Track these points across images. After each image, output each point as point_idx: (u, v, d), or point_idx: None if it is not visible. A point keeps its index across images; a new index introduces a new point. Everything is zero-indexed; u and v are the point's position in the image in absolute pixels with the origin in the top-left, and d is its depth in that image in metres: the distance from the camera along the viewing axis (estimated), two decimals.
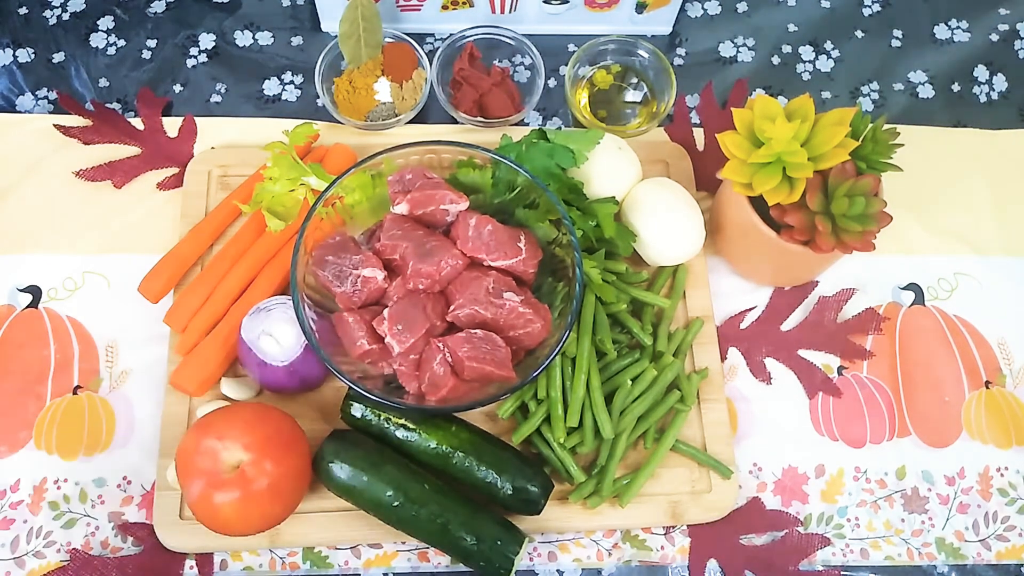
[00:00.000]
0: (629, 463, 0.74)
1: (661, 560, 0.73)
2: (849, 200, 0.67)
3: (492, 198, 0.75)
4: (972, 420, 0.80)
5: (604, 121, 0.88)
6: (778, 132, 0.65)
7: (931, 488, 0.77)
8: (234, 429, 0.65)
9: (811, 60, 0.95)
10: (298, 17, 0.94)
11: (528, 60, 0.91)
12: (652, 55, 0.88)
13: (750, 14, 0.98)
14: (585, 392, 0.71)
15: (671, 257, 0.78)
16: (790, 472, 0.77)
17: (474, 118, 0.85)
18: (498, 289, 0.69)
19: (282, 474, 0.64)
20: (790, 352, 0.81)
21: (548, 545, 0.73)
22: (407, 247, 0.70)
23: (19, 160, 0.84)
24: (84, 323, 0.78)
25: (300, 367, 0.70)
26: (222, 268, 0.77)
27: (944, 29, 0.98)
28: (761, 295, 0.83)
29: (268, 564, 0.71)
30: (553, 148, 0.76)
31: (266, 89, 0.90)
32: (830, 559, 0.74)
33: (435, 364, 0.67)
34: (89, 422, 0.75)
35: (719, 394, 0.77)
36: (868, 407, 0.80)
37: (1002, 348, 0.83)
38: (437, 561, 0.72)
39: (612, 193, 0.77)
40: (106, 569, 0.70)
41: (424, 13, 0.91)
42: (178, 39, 0.92)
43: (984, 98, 0.94)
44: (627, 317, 0.76)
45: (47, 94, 0.89)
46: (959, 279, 0.85)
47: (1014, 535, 0.76)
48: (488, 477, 0.69)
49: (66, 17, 0.93)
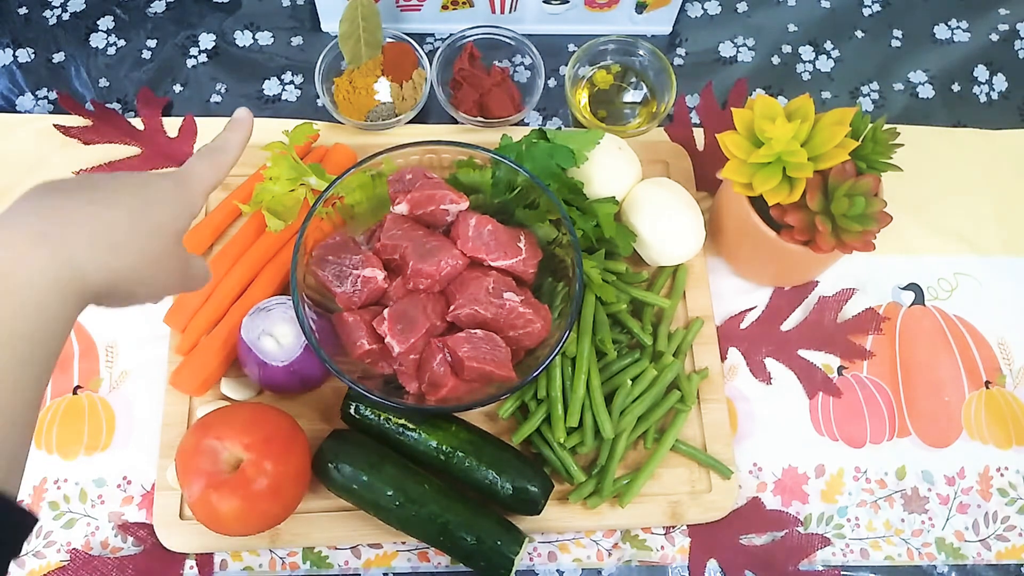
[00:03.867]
0: (629, 463, 0.74)
1: (661, 560, 0.73)
2: (849, 200, 0.67)
3: (492, 198, 0.75)
4: (972, 420, 0.80)
5: (604, 121, 0.88)
6: (778, 132, 0.65)
7: (931, 488, 0.77)
8: (234, 429, 0.65)
9: (811, 60, 0.95)
10: (298, 17, 0.94)
11: (528, 60, 0.91)
12: (652, 55, 0.88)
13: (750, 14, 0.98)
14: (585, 392, 0.71)
15: (671, 257, 0.78)
16: (790, 472, 0.77)
17: (474, 118, 0.85)
18: (498, 289, 0.69)
19: (282, 474, 0.64)
20: (790, 352, 0.81)
21: (548, 545, 0.73)
22: (407, 247, 0.70)
23: (19, 160, 0.84)
24: (84, 323, 0.78)
25: (300, 367, 0.70)
26: (222, 268, 0.76)
27: (944, 29, 0.98)
28: (761, 295, 0.83)
29: (268, 564, 0.71)
30: (553, 148, 0.76)
31: (266, 89, 0.90)
32: (830, 559, 0.74)
33: (435, 364, 0.67)
34: (89, 422, 0.75)
35: (719, 394, 0.77)
36: (868, 407, 0.80)
37: (1002, 348, 0.83)
38: (437, 561, 0.72)
39: (612, 193, 0.77)
40: (106, 569, 0.70)
41: (424, 13, 0.91)
42: (178, 39, 0.92)
43: (984, 98, 0.94)
44: (627, 317, 0.76)
45: (47, 94, 0.89)
46: (959, 279, 0.85)
47: (1014, 535, 0.76)
48: (488, 477, 0.69)
49: (66, 17, 0.93)
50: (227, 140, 0.54)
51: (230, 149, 0.54)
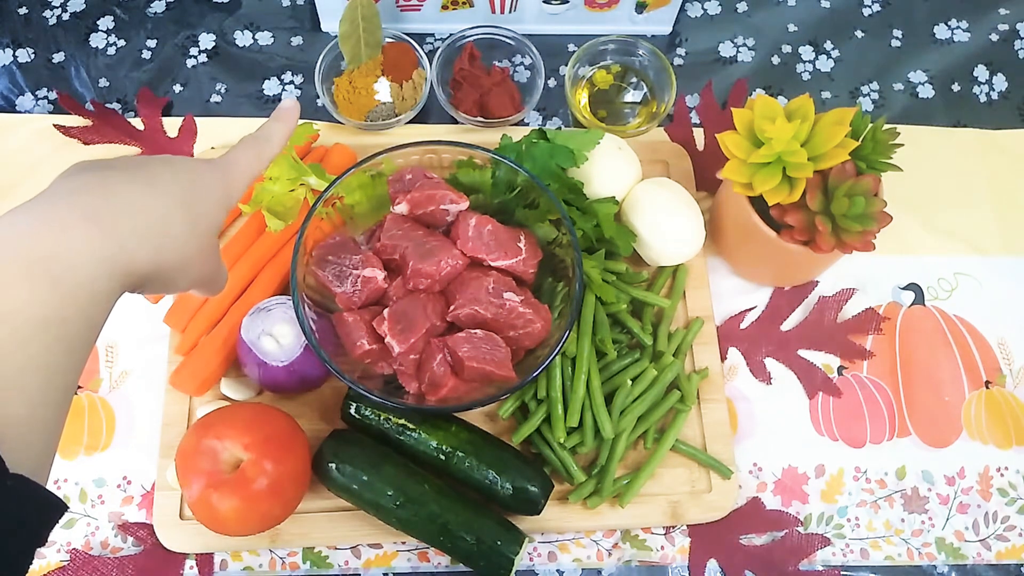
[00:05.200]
0: (629, 463, 0.74)
1: (661, 560, 0.73)
2: (849, 200, 0.67)
3: (492, 198, 0.75)
4: (972, 420, 0.80)
5: (604, 121, 0.88)
6: (778, 132, 0.65)
7: (931, 488, 0.77)
8: (234, 429, 0.65)
9: (811, 60, 0.95)
10: (298, 17, 0.94)
11: (528, 60, 0.91)
12: (652, 55, 0.88)
13: (750, 14, 0.98)
14: (585, 392, 0.71)
15: (671, 257, 0.78)
16: (790, 472, 0.77)
17: (474, 118, 0.85)
18: (498, 289, 0.69)
19: (282, 474, 0.64)
20: (790, 352, 0.81)
21: (548, 545, 0.73)
22: (407, 247, 0.70)
23: (19, 160, 0.84)
24: None
25: (300, 367, 0.70)
26: None
27: (944, 29, 0.98)
28: (761, 295, 0.83)
29: (268, 564, 0.71)
30: (553, 148, 0.76)
31: (266, 89, 0.90)
32: (830, 559, 0.74)
33: (435, 364, 0.67)
34: (89, 422, 0.75)
35: (719, 394, 0.77)
36: (868, 407, 0.80)
37: (1002, 348, 0.83)
38: (437, 561, 0.72)
39: (612, 193, 0.77)
40: (106, 569, 0.70)
41: (424, 13, 0.91)
42: (178, 39, 0.92)
43: (984, 98, 0.94)
44: (627, 317, 0.76)
45: (47, 94, 0.89)
46: (959, 279, 0.85)
47: (1014, 535, 0.76)
48: (488, 477, 0.69)
49: (66, 17, 0.93)
50: (271, 130, 0.52)
51: (274, 140, 0.52)
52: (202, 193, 0.45)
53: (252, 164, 0.50)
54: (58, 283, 0.37)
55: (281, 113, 0.53)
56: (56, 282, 0.37)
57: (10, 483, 0.34)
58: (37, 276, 0.36)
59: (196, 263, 0.45)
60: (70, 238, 0.38)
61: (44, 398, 0.37)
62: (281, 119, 0.53)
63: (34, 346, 0.36)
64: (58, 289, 0.37)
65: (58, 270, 0.37)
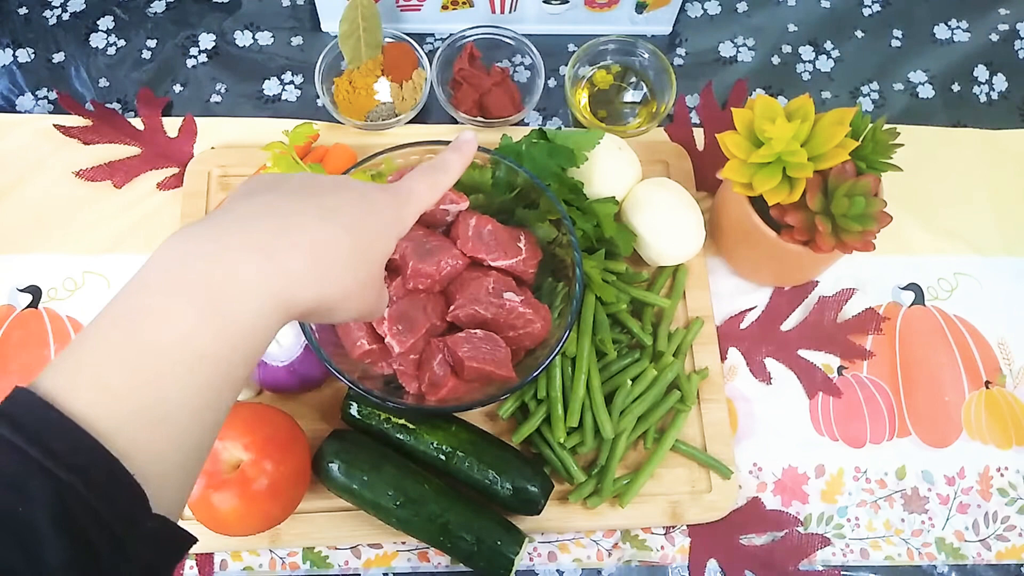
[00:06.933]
0: (629, 463, 0.74)
1: (661, 560, 0.73)
2: (849, 200, 0.67)
3: (492, 198, 0.75)
4: (972, 420, 0.80)
5: (604, 121, 0.88)
6: (778, 132, 0.65)
7: (931, 488, 0.77)
8: (234, 429, 0.65)
9: (811, 60, 0.95)
10: (298, 17, 0.94)
11: (528, 60, 0.91)
12: (652, 55, 0.88)
13: (750, 14, 0.98)
14: (585, 392, 0.71)
15: (671, 257, 0.78)
16: (790, 472, 0.77)
17: (474, 118, 0.85)
18: (498, 289, 0.69)
19: (282, 474, 0.64)
20: (790, 352, 0.81)
21: (548, 545, 0.73)
22: (407, 247, 0.70)
23: (19, 160, 0.84)
24: (84, 323, 0.78)
25: (300, 367, 0.70)
26: None
27: (944, 29, 0.98)
28: (761, 295, 0.83)
29: (268, 564, 0.71)
30: (553, 148, 0.76)
31: (266, 89, 0.90)
32: (830, 559, 0.74)
33: (435, 364, 0.67)
34: None
35: (719, 394, 0.77)
36: (868, 407, 0.80)
37: (1002, 348, 0.83)
38: (437, 561, 0.72)
39: (612, 193, 0.77)
40: None
41: (424, 13, 0.91)
42: (178, 39, 0.92)
43: (984, 98, 0.94)
44: (627, 317, 0.76)
45: (47, 94, 0.89)
46: (959, 279, 0.85)
47: (1014, 535, 0.76)
48: (488, 477, 0.69)
49: (66, 17, 0.93)
50: (448, 161, 0.51)
51: (451, 170, 0.51)
52: (373, 224, 0.44)
53: (426, 194, 0.49)
54: (222, 317, 0.35)
55: (460, 144, 0.53)
56: (221, 316, 0.35)
57: (151, 524, 0.33)
58: (202, 308, 0.35)
59: (357, 295, 0.44)
60: (240, 271, 0.36)
61: (190, 437, 0.35)
62: (460, 150, 0.52)
63: (190, 381, 0.35)
64: (221, 323, 0.35)
65: (224, 303, 0.36)
